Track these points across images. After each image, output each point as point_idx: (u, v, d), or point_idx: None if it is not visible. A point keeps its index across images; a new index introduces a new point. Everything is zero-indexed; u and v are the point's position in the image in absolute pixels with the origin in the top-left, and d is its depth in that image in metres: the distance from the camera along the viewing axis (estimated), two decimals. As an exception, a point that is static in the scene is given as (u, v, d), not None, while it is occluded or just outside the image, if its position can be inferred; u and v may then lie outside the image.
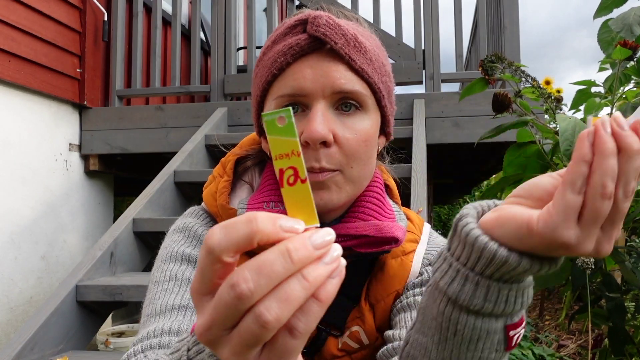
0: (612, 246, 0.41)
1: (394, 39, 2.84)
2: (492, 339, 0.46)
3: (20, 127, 2.45)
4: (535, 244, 0.40)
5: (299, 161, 0.33)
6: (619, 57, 1.48)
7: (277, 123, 0.33)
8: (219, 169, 0.76)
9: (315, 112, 0.61)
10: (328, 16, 0.62)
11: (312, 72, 0.61)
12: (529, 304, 0.47)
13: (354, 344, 0.71)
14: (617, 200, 0.38)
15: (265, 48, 0.67)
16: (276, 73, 0.63)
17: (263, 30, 4.88)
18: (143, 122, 2.83)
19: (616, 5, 1.78)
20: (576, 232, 0.38)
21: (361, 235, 0.65)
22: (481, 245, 0.43)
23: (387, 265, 0.71)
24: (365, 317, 0.71)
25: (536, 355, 2.25)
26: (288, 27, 0.64)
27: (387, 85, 0.68)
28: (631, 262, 1.62)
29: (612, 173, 0.37)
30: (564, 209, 0.38)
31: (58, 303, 1.63)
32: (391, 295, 0.71)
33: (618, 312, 1.53)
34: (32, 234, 2.49)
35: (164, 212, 2.18)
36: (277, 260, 0.30)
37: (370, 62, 0.64)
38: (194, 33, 3.05)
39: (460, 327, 0.46)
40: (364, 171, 0.66)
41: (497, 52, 1.76)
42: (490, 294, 0.44)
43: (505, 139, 2.07)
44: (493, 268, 0.43)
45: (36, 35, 2.51)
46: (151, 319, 0.63)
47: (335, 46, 0.61)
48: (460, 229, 0.45)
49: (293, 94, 0.62)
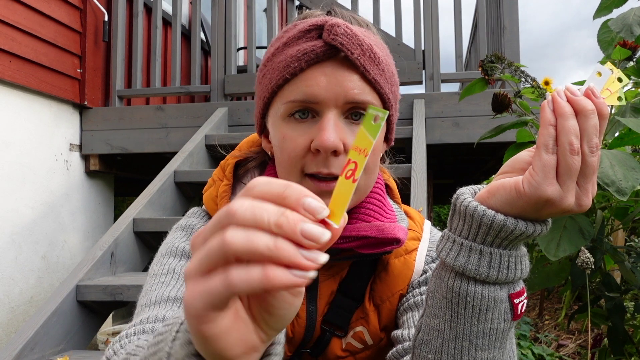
0: (590, 200, 0.47)
1: (394, 39, 2.84)
2: (499, 308, 0.50)
3: (20, 127, 2.45)
4: (525, 205, 0.46)
5: (363, 161, 0.35)
6: (619, 58, 1.49)
7: (372, 121, 0.35)
8: (218, 173, 0.76)
9: (327, 121, 0.61)
10: (346, 25, 0.62)
11: (327, 80, 0.61)
12: (527, 273, 0.51)
13: (357, 344, 0.72)
14: (585, 154, 0.45)
15: (275, 49, 0.66)
16: (288, 78, 0.63)
17: (263, 31, 4.89)
18: (143, 122, 2.83)
19: (616, 6, 1.78)
20: (557, 187, 0.45)
21: (363, 236, 0.66)
22: (480, 213, 0.48)
23: (390, 265, 0.71)
24: (370, 318, 0.71)
25: (536, 354, 2.25)
26: (302, 31, 0.63)
27: (395, 95, 0.69)
28: (630, 262, 1.62)
29: (575, 132, 0.45)
30: (541, 168, 0.45)
31: (59, 303, 1.63)
32: (396, 295, 0.71)
33: (617, 312, 1.54)
34: (32, 234, 2.49)
35: (164, 212, 2.19)
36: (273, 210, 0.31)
37: (382, 72, 0.64)
38: (194, 33, 3.05)
39: (470, 298, 0.49)
40: (369, 180, 0.67)
41: (497, 53, 1.76)
42: (493, 261, 0.49)
43: (505, 139, 2.07)
44: (493, 234, 0.48)
45: (37, 36, 2.51)
46: (145, 309, 0.63)
47: (351, 56, 0.61)
48: (459, 205, 0.50)
49: (305, 100, 0.62)
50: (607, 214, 1.83)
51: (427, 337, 0.54)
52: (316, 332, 0.71)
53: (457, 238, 0.50)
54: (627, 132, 1.59)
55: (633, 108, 1.57)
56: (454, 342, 0.51)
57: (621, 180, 1.30)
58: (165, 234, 0.78)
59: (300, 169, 0.63)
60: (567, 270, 1.68)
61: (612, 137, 1.68)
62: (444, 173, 4.13)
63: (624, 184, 1.30)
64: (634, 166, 1.34)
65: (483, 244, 0.49)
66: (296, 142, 0.62)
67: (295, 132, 0.63)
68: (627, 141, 1.63)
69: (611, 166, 1.33)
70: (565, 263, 1.69)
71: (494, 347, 0.51)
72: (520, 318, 0.52)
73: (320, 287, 0.71)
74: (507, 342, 0.53)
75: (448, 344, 0.52)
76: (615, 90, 0.47)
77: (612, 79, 0.47)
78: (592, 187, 0.47)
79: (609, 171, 1.32)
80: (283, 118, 0.64)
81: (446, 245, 0.52)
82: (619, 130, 1.65)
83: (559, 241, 1.48)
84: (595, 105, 0.45)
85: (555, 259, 1.44)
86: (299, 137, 0.62)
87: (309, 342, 0.71)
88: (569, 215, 1.56)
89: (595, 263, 1.48)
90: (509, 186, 0.47)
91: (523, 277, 0.51)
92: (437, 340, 0.53)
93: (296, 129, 0.63)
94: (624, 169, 1.33)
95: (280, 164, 0.66)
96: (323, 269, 0.69)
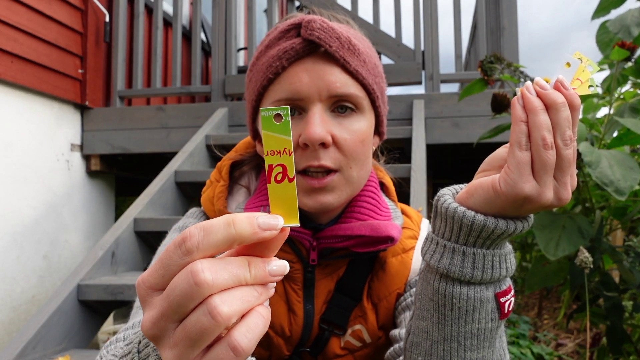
0: (569, 193, 0.46)
1: (394, 39, 2.85)
2: (486, 308, 0.50)
3: (22, 128, 2.46)
4: (503, 204, 0.45)
5: (290, 160, 0.34)
6: (617, 58, 1.49)
7: (274, 120, 0.34)
8: (215, 174, 0.77)
9: (312, 115, 0.62)
10: (322, 20, 0.63)
11: (308, 76, 0.62)
12: (513, 271, 0.51)
13: (356, 342, 0.72)
14: (559, 148, 0.44)
15: (258, 53, 0.68)
16: (272, 77, 0.64)
17: (263, 31, 4.89)
18: (144, 123, 2.84)
19: (614, 7, 1.79)
20: (533, 184, 0.44)
21: (357, 235, 0.66)
22: (460, 215, 0.47)
23: (388, 264, 0.72)
24: (368, 316, 0.72)
25: (535, 354, 2.26)
26: (281, 32, 0.65)
27: (381, 86, 0.70)
28: (629, 262, 1.63)
29: (547, 126, 0.43)
30: (516, 165, 0.44)
31: (60, 302, 1.64)
32: (393, 294, 0.72)
33: (616, 311, 1.54)
34: (34, 234, 2.50)
35: (165, 211, 2.19)
36: (238, 266, 0.32)
37: (364, 64, 0.65)
38: (195, 34, 3.06)
39: (455, 300, 0.49)
40: (362, 172, 0.67)
41: (496, 53, 1.77)
42: (476, 261, 0.48)
43: (504, 139, 2.09)
44: (474, 235, 0.48)
45: (38, 36, 2.52)
46: (139, 311, 0.65)
47: (330, 49, 0.62)
48: (440, 206, 0.50)
49: (290, 98, 0.63)
50: (605, 213, 1.84)
51: (416, 340, 0.55)
52: (314, 330, 0.71)
53: (440, 240, 0.50)
54: (626, 132, 1.60)
55: (631, 108, 1.57)
56: (443, 343, 0.51)
57: (620, 180, 1.31)
58: (166, 233, 0.79)
59: None
60: (566, 270, 1.69)
61: (611, 137, 1.69)
62: (444, 173, 4.13)
63: (622, 184, 1.30)
64: (632, 166, 1.35)
65: (466, 245, 0.48)
66: None
67: None
68: (626, 141, 1.63)
69: (610, 166, 1.34)
70: (564, 262, 1.70)
71: (483, 347, 0.51)
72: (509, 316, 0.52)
73: (317, 285, 0.71)
74: (497, 340, 0.53)
75: (437, 345, 0.52)
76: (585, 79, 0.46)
77: (581, 68, 0.46)
78: (572, 180, 0.46)
79: (607, 171, 1.33)
80: None
81: (430, 247, 0.52)
82: (618, 131, 1.66)
83: (558, 241, 1.49)
84: (565, 97, 0.44)
85: (554, 258, 1.45)
86: None
87: (308, 341, 0.72)
88: (568, 215, 1.57)
89: (594, 262, 1.49)
90: (487, 185, 0.46)
91: (509, 275, 0.51)
92: (427, 342, 0.53)
93: None
94: (623, 169, 1.34)
95: None
96: (319, 267, 0.70)
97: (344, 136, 0.63)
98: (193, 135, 2.57)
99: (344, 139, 0.63)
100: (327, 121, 0.63)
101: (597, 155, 1.37)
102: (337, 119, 0.64)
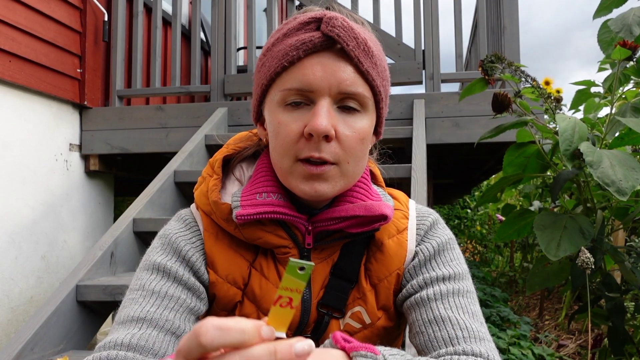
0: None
1: (394, 39, 2.84)
2: None
3: (20, 127, 2.45)
4: None
5: (298, 296, 0.39)
6: (619, 57, 1.49)
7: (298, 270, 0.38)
8: (207, 170, 0.78)
9: (320, 108, 0.64)
10: (343, 18, 0.65)
11: (322, 70, 0.64)
12: None
13: (356, 324, 0.74)
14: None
15: (274, 39, 0.69)
16: (286, 65, 0.65)
17: (263, 31, 4.89)
18: (143, 122, 2.83)
19: (616, 6, 1.78)
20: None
21: (352, 216, 0.69)
22: None
23: (385, 246, 0.74)
24: (367, 297, 0.73)
25: (536, 355, 2.25)
26: (301, 23, 0.66)
27: (386, 89, 0.72)
28: (631, 262, 1.62)
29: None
30: None
31: (58, 303, 1.63)
32: (393, 274, 0.74)
33: (617, 312, 1.54)
34: (32, 234, 2.49)
35: (164, 212, 2.18)
36: (265, 357, 0.35)
37: (375, 66, 0.68)
38: (194, 33, 3.05)
39: None
40: (357, 167, 0.69)
41: (497, 53, 1.76)
42: None
43: (505, 139, 2.08)
44: None
45: (36, 36, 2.51)
46: (116, 327, 0.65)
47: (347, 47, 0.64)
48: None
49: (301, 89, 0.65)
50: (607, 214, 1.83)
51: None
52: (312, 315, 0.73)
53: None
54: (627, 132, 1.59)
55: (633, 108, 1.56)
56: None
57: (621, 180, 1.30)
58: (164, 234, 0.78)
59: (294, 154, 0.65)
60: (567, 270, 1.68)
61: (613, 137, 1.68)
62: (444, 173, 4.12)
63: (624, 184, 1.30)
64: (634, 166, 1.34)
65: None
66: (290, 128, 0.65)
67: (290, 118, 0.65)
68: (627, 141, 1.63)
69: (611, 166, 1.33)
70: (566, 263, 1.69)
71: None
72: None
73: (314, 270, 0.72)
74: None
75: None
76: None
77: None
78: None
79: (609, 171, 1.32)
80: (279, 105, 0.67)
81: None
82: (619, 130, 1.65)
83: (559, 241, 1.48)
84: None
85: (556, 259, 1.44)
86: (293, 123, 0.65)
87: (307, 326, 0.73)
88: (569, 216, 1.56)
89: (596, 263, 1.48)
90: None
91: None
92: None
93: (291, 115, 0.65)
94: (624, 169, 1.33)
95: (275, 149, 0.68)
96: (315, 252, 0.72)
97: (346, 132, 0.65)
98: (192, 135, 2.57)
99: (346, 135, 0.65)
100: (332, 116, 0.65)
101: (599, 155, 1.37)
102: (341, 115, 0.66)
